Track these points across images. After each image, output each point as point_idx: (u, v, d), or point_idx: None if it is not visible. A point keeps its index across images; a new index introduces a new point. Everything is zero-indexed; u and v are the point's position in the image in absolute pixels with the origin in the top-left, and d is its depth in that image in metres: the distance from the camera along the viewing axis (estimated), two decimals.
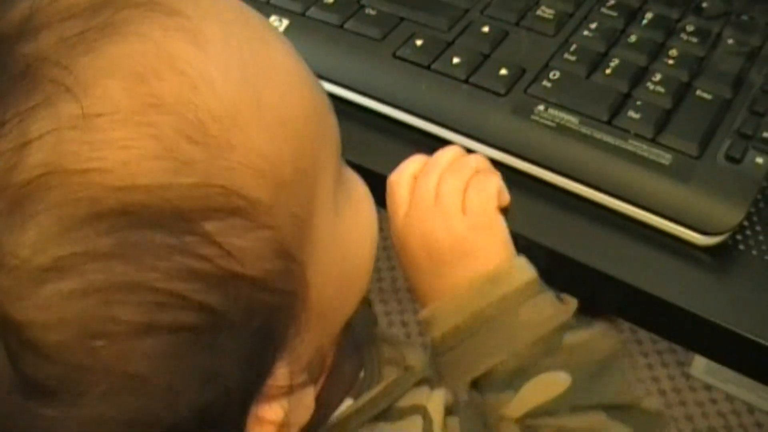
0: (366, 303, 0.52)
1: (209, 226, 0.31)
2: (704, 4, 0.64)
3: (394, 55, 0.62)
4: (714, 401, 1.43)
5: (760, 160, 0.52)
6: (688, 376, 1.46)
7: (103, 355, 0.30)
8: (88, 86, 0.31)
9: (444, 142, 0.57)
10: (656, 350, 1.49)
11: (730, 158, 0.52)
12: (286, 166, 0.35)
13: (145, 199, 0.30)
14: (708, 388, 1.44)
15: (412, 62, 0.61)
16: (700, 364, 1.44)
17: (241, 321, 0.33)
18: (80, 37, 0.31)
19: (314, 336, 0.38)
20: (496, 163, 0.55)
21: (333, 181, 0.39)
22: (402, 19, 0.65)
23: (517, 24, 0.63)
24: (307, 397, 0.39)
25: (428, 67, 0.60)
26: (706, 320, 0.49)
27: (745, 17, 0.63)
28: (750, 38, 0.61)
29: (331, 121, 0.40)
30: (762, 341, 0.48)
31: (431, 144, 0.56)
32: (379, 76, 0.61)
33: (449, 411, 0.47)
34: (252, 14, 0.38)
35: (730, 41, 0.61)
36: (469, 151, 0.55)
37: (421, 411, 0.46)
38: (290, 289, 0.35)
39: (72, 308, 0.30)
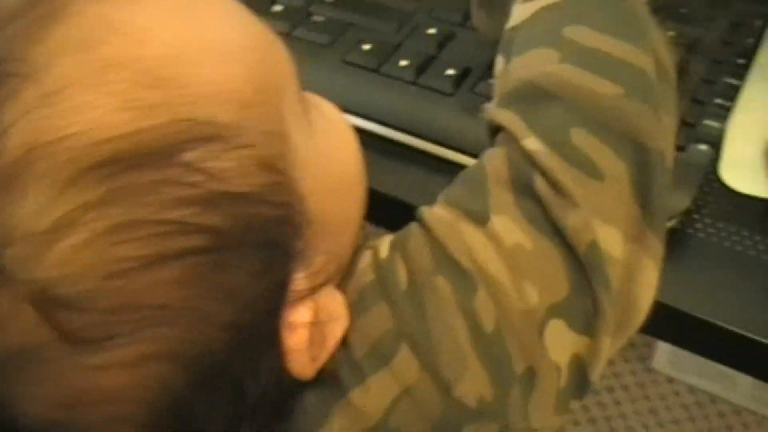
0: None
1: (188, 156, 0.34)
2: None
3: (343, 60, 0.63)
4: (677, 393, 1.44)
5: (703, 147, 0.54)
6: (650, 370, 1.47)
7: (125, 292, 0.33)
8: (44, 69, 0.34)
9: (394, 144, 0.58)
10: None
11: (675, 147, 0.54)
12: (245, 88, 0.37)
13: (122, 147, 0.33)
14: (670, 380, 1.46)
15: (360, 66, 0.62)
16: (661, 358, 1.45)
17: (243, 235, 0.35)
18: (26, 32, 0.35)
19: (324, 242, 0.39)
20: (447, 162, 0.56)
21: (297, 100, 0.41)
22: (350, 24, 0.66)
23: (462, 24, 0.64)
24: (332, 296, 0.40)
25: (377, 71, 0.61)
26: (664, 305, 0.50)
27: (683, 10, 0.64)
28: (690, 30, 0.63)
29: (279, 47, 0.42)
30: (720, 323, 0.50)
31: (382, 146, 0.58)
32: (329, 81, 0.61)
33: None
34: None
35: (671, 33, 0.62)
36: (421, 151, 0.56)
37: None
38: (283, 200, 0.37)
39: (84, 258, 0.32)
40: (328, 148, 0.42)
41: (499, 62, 0.48)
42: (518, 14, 0.48)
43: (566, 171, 0.40)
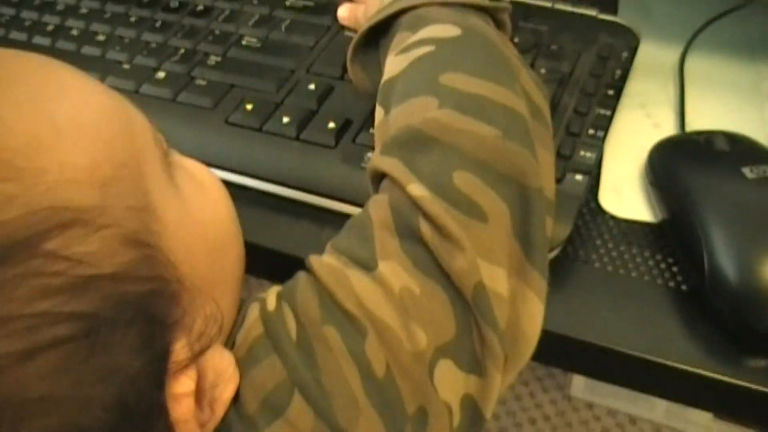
0: None
1: (49, 245, 0.33)
2: (516, 39, 0.67)
3: (226, 122, 0.63)
4: (597, 418, 1.47)
5: (579, 177, 0.56)
6: (569, 398, 1.49)
7: (1, 388, 0.32)
8: None
9: (282, 200, 0.59)
10: (536, 377, 1.53)
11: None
12: (102, 167, 0.37)
13: None
14: (590, 406, 1.48)
15: (244, 126, 0.62)
16: (579, 384, 1.48)
17: (117, 315, 0.35)
18: None
19: (203, 306, 0.39)
20: (335, 213, 0.57)
21: (161, 167, 0.42)
22: (232, 86, 0.67)
23: (341, 78, 0.65)
24: (220, 355, 0.40)
25: (260, 129, 0.62)
26: (554, 333, 0.52)
27: (554, 47, 0.67)
28: (560, 65, 0.65)
29: (136, 115, 0.42)
30: (608, 345, 0.51)
31: (270, 202, 0.59)
32: (214, 142, 0.62)
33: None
34: (30, 57, 0.41)
35: (543, 70, 0.64)
36: (308, 205, 0.57)
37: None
38: (154, 273, 0.37)
39: None
40: (198, 212, 0.43)
41: (379, 113, 0.50)
42: (393, 66, 0.50)
43: (450, 215, 0.41)
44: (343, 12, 0.70)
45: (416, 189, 0.42)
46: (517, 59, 0.51)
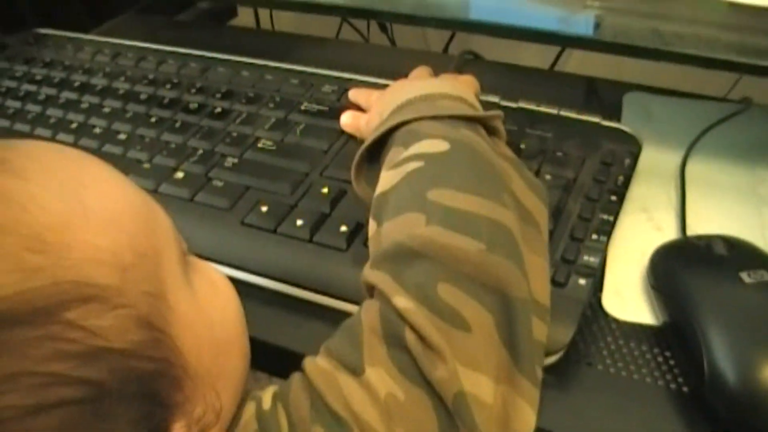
0: None
1: (70, 315, 0.37)
2: (522, 146, 0.70)
3: (242, 222, 0.66)
4: None
5: (582, 281, 0.57)
6: None
7: None
8: None
9: (294, 299, 0.61)
10: None
11: (556, 283, 0.57)
12: (124, 252, 0.41)
13: (7, 305, 0.36)
14: None
15: (259, 228, 0.65)
16: None
17: (121, 387, 0.38)
18: None
19: (204, 395, 0.42)
20: (343, 313, 0.58)
21: (178, 263, 0.45)
22: (248, 187, 0.69)
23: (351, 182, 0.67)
24: None
25: (274, 231, 0.64)
26: None
27: (559, 153, 0.69)
28: (565, 171, 0.67)
29: (160, 213, 0.46)
30: None
31: (282, 302, 0.61)
32: (230, 242, 0.65)
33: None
34: (70, 151, 0.46)
35: (548, 176, 0.66)
36: (319, 305, 0.59)
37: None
38: (161, 355, 0.40)
39: None
40: (209, 309, 0.46)
41: (372, 226, 0.53)
42: (386, 180, 0.53)
43: (433, 326, 0.43)
44: (346, 119, 0.73)
45: (402, 301, 0.45)
46: (511, 164, 0.53)
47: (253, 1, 0.96)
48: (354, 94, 0.76)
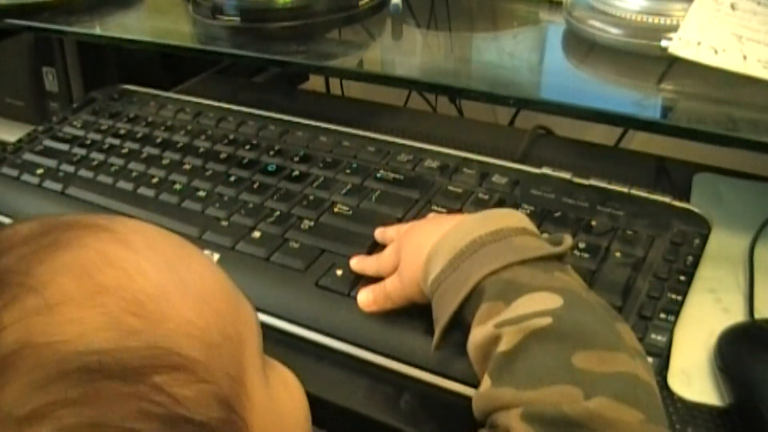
0: None
1: (158, 379, 0.39)
2: (593, 222, 0.71)
3: (316, 284, 0.67)
4: None
5: (649, 360, 0.58)
6: None
7: None
8: (46, 284, 0.39)
9: (365, 363, 0.62)
10: None
11: None
12: (212, 331, 0.43)
13: (102, 359, 0.38)
14: None
15: (333, 290, 0.66)
16: None
17: None
18: (35, 253, 0.41)
19: None
20: (412, 379, 0.60)
21: (257, 354, 0.47)
22: (323, 250, 0.71)
23: None
24: None
25: (348, 294, 0.66)
26: None
27: (629, 231, 0.70)
28: (634, 250, 0.68)
29: (247, 305, 0.48)
30: None
31: (353, 365, 0.62)
32: (304, 304, 0.66)
33: None
34: (168, 233, 0.49)
35: (618, 254, 0.68)
36: (385, 369, 0.61)
37: None
38: None
39: None
40: (280, 404, 0.48)
41: (485, 382, 0.50)
42: (504, 337, 0.50)
43: None
44: (359, 266, 0.68)
45: None
46: (598, 303, 0.52)
47: (336, 71, 0.98)
48: (380, 234, 0.71)
